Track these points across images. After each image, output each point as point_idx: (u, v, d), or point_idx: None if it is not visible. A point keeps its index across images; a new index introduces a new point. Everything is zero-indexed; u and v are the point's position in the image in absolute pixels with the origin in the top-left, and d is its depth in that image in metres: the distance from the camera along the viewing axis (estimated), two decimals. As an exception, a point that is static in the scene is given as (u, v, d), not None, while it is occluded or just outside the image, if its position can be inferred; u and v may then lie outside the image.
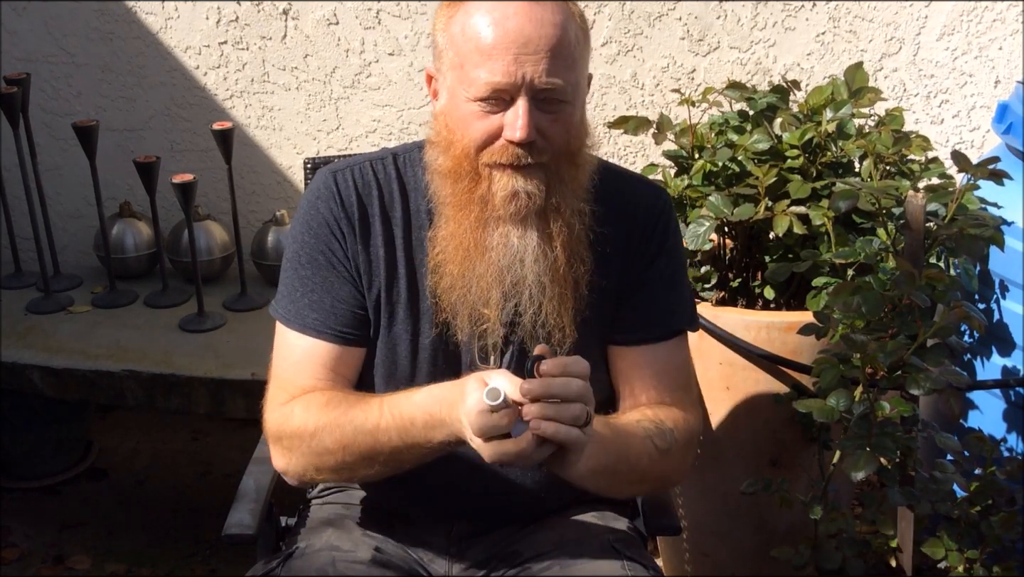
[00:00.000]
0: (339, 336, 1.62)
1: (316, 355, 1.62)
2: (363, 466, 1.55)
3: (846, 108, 2.27)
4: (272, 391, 1.64)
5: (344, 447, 1.53)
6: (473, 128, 1.50)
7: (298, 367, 1.62)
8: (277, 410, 1.61)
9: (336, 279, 1.62)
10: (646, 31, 2.85)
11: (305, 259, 1.63)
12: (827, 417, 1.87)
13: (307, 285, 1.62)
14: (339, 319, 1.61)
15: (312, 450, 1.56)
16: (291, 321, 1.63)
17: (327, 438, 1.54)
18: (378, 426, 1.50)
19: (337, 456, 1.54)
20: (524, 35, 1.45)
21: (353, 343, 1.63)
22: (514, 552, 1.67)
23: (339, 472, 1.59)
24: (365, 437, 1.52)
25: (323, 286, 1.62)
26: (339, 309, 1.61)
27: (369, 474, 1.57)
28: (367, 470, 1.56)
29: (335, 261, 1.62)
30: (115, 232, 2.92)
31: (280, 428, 1.60)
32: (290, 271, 1.65)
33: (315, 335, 1.62)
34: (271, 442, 1.63)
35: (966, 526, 1.97)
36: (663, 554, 2.56)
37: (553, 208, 1.53)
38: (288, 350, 1.64)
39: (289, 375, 1.63)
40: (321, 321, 1.61)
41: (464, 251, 1.54)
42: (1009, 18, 2.79)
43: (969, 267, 2.24)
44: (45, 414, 2.90)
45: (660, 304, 1.66)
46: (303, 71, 2.95)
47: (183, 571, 2.71)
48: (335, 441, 1.53)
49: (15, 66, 2.95)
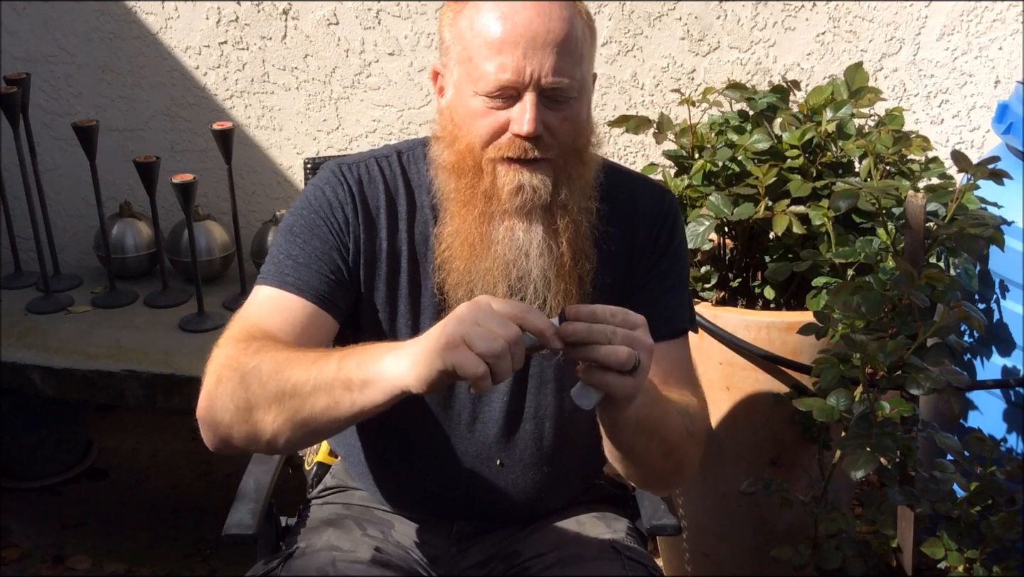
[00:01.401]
0: (316, 296, 1.54)
1: (287, 308, 1.52)
2: (278, 403, 1.37)
3: (846, 108, 2.27)
4: (229, 330, 1.51)
5: (274, 375, 1.38)
6: (479, 123, 1.49)
7: (267, 315, 1.52)
8: (230, 345, 1.47)
9: (326, 250, 1.57)
10: (646, 31, 2.85)
11: (298, 229, 1.58)
12: (827, 417, 1.87)
13: (293, 249, 1.56)
14: (320, 282, 1.54)
15: (244, 383, 1.40)
16: (269, 278, 1.55)
17: (265, 369, 1.39)
18: (327, 355, 1.38)
19: (265, 388, 1.38)
20: (532, 30, 1.45)
21: (329, 309, 1.54)
22: (514, 552, 1.68)
23: (253, 411, 1.40)
24: (302, 364, 1.37)
25: (311, 253, 1.56)
26: (323, 275, 1.55)
27: (279, 420, 1.38)
28: (279, 410, 1.37)
29: (330, 236, 1.57)
30: (115, 232, 2.92)
31: (228, 357, 1.45)
32: (279, 240, 1.59)
33: (292, 291, 1.53)
34: (207, 375, 1.46)
35: (966, 526, 1.97)
36: (663, 554, 2.56)
37: (559, 204, 1.53)
38: (259, 302, 1.55)
39: (254, 319, 1.52)
40: (301, 279, 1.54)
41: (470, 247, 1.53)
42: (1009, 18, 2.79)
43: (969, 267, 2.25)
44: (45, 414, 2.90)
45: (665, 303, 1.65)
46: (303, 71, 2.95)
47: (183, 571, 2.71)
48: (270, 370, 1.38)
49: (15, 66, 2.95)
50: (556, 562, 1.62)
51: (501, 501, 1.69)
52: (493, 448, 1.65)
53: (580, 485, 1.77)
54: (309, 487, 1.90)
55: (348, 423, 1.40)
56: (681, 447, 1.53)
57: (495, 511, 1.70)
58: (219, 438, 1.47)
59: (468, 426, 1.65)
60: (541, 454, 1.66)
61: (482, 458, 1.66)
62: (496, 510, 1.70)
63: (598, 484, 1.79)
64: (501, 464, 1.66)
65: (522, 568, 1.64)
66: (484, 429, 1.64)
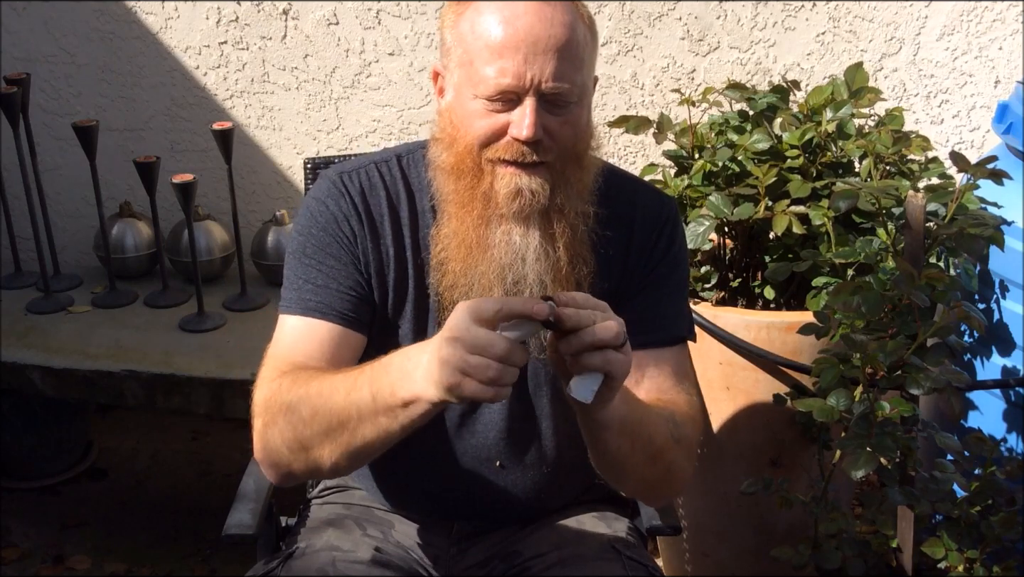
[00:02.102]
0: (341, 317, 1.56)
1: (315, 335, 1.55)
2: (330, 439, 1.42)
3: (846, 108, 2.27)
4: (263, 371, 1.55)
5: (316, 413, 1.42)
6: (478, 125, 1.49)
7: (294, 346, 1.55)
8: (265, 385, 1.52)
9: (341, 267, 1.58)
10: (646, 31, 2.85)
11: (311, 250, 1.59)
12: (827, 417, 1.87)
13: (310, 273, 1.58)
14: (342, 302, 1.57)
15: (289, 423, 1.45)
16: (291, 307, 1.57)
17: (304, 408, 1.43)
18: (354, 382, 1.40)
19: (310, 427, 1.43)
20: (533, 34, 1.44)
21: (355, 327, 1.57)
22: (514, 552, 1.67)
23: (308, 450, 1.45)
24: (337, 398, 1.41)
25: (328, 273, 1.58)
26: (343, 293, 1.57)
27: (335, 454, 1.43)
28: (333, 446, 1.42)
29: (342, 253, 1.58)
30: (115, 232, 2.92)
31: (266, 400, 1.50)
32: (293, 264, 1.60)
33: (316, 316, 1.55)
34: (255, 419, 1.52)
35: (966, 526, 1.97)
36: (663, 554, 2.56)
37: (557, 209, 1.52)
38: (285, 334, 1.57)
39: (283, 353, 1.55)
40: (323, 303, 1.56)
41: (466, 248, 1.53)
42: (1009, 18, 2.79)
43: (969, 267, 2.25)
44: (45, 414, 2.90)
45: (663, 310, 1.64)
46: (303, 71, 2.95)
47: (183, 571, 2.71)
48: (310, 409, 1.43)
49: (15, 66, 2.95)
50: (556, 562, 1.62)
51: (501, 501, 1.69)
52: (493, 448, 1.65)
53: (580, 485, 1.77)
54: (309, 487, 1.90)
55: (399, 439, 1.42)
56: (668, 452, 1.52)
57: (495, 511, 1.70)
58: (281, 475, 1.53)
59: (468, 427, 1.65)
60: (541, 454, 1.66)
61: (482, 458, 1.66)
62: (496, 510, 1.70)
63: (598, 484, 1.79)
64: (501, 464, 1.66)
65: (522, 568, 1.64)
66: (484, 430, 1.64)
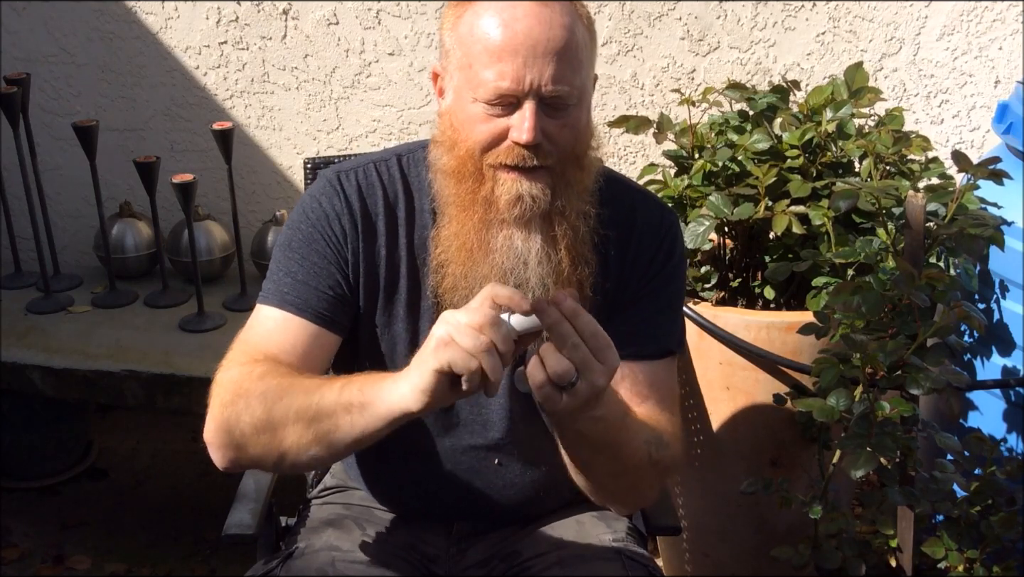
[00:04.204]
0: (317, 315, 1.55)
1: (289, 330, 1.54)
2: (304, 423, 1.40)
3: (846, 108, 2.27)
4: (232, 353, 1.53)
5: (293, 395, 1.41)
6: (478, 129, 1.49)
7: (268, 336, 1.54)
8: (235, 368, 1.50)
9: (325, 265, 1.57)
10: (646, 31, 2.85)
11: (296, 244, 1.58)
12: (827, 417, 1.87)
13: (292, 267, 1.57)
14: (320, 301, 1.56)
15: (262, 402, 1.43)
16: (269, 297, 1.56)
17: (282, 390, 1.43)
18: (323, 384, 1.41)
19: (285, 408, 1.41)
20: (532, 38, 1.44)
21: (330, 327, 1.56)
22: (514, 552, 1.68)
23: (275, 430, 1.42)
24: (304, 393, 1.41)
25: (309, 270, 1.57)
26: (322, 292, 1.56)
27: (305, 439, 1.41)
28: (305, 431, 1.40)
29: (328, 251, 1.58)
30: (115, 232, 2.92)
31: (235, 380, 1.47)
32: (279, 256, 1.59)
33: (293, 311, 1.54)
34: (214, 397, 1.49)
35: (966, 526, 1.98)
36: (663, 554, 2.56)
37: (558, 211, 1.52)
38: (260, 323, 1.56)
39: (256, 341, 1.54)
40: (301, 299, 1.55)
41: (467, 252, 1.53)
42: (1009, 18, 2.79)
43: (969, 267, 2.25)
44: (45, 414, 2.90)
45: (658, 322, 1.63)
46: (303, 71, 2.95)
47: (183, 571, 2.71)
48: (288, 391, 1.42)
49: (15, 66, 2.95)
50: (556, 562, 1.62)
51: (500, 500, 1.69)
52: (491, 447, 1.65)
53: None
54: (309, 487, 1.90)
55: (352, 448, 1.43)
56: (637, 472, 1.51)
57: (494, 511, 1.70)
58: (228, 460, 1.50)
59: (466, 426, 1.65)
60: (539, 453, 1.66)
61: (480, 457, 1.66)
62: (495, 510, 1.70)
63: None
64: (499, 463, 1.66)
65: (522, 568, 1.64)
66: (482, 429, 1.64)
